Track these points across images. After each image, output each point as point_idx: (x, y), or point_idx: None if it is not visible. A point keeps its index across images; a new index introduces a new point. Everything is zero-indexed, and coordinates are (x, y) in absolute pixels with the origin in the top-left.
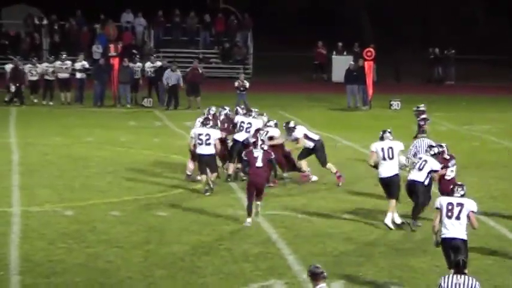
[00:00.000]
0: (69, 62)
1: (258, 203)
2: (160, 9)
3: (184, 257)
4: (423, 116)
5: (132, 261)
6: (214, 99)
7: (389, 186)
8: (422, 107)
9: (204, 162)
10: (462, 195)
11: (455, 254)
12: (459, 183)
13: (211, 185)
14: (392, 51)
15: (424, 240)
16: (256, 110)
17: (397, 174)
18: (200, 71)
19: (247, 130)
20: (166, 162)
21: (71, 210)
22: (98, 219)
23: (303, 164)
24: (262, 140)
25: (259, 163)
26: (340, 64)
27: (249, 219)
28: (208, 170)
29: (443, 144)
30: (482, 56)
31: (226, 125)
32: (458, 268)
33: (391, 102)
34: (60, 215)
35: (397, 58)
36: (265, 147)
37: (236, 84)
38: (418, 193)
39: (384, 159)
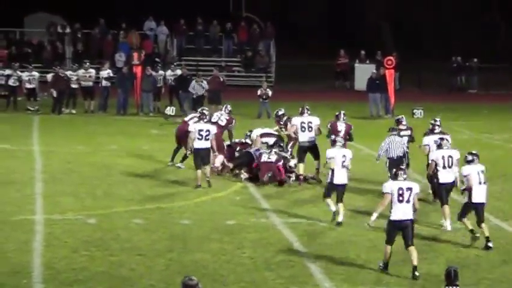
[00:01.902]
0: (92, 70)
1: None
2: (183, 17)
3: (206, 265)
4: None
5: (155, 269)
6: (236, 107)
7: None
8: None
9: (200, 156)
10: (405, 179)
11: (404, 232)
12: (401, 166)
13: (209, 180)
14: (415, 60)
15: (446, 247)
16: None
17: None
18: (221, 79)
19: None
20: (189, 170)
21: (93, 218)
22: (120, 227)
23: None
24: (343, 114)
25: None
26: (363, 72)
27: None
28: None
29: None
30: (504, 64)
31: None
32: (450, 279)
33: (414, 111)
34: (82, 222)
35: (420, 67)
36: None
37: (259, 92)
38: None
39: (444, 167)
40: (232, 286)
